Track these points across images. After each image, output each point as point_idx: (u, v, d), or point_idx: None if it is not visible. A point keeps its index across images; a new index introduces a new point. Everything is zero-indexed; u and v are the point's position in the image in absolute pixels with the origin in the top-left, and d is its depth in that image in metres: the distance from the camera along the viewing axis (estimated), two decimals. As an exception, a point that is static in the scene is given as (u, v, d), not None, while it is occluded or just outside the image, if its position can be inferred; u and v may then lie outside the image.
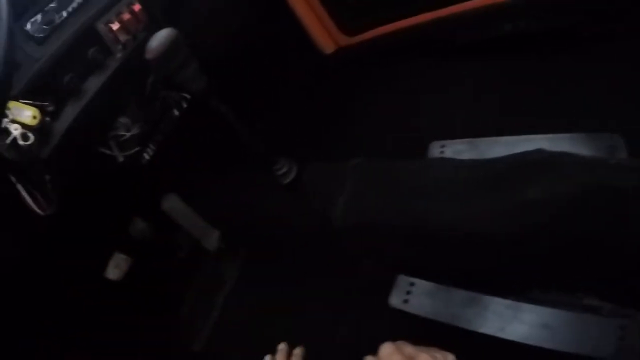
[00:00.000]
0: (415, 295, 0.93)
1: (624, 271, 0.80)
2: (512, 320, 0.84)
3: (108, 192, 1.19)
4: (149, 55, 0.89)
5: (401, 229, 0.90)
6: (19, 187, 0.90)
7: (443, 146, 1.20)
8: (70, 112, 0.93)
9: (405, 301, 0.94)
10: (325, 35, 1.58)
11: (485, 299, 0.88)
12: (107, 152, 1.10)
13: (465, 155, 1.11)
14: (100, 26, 0.93)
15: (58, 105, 0.91)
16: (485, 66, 1.41)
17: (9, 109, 0.78)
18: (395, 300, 0.95)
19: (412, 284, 0.95)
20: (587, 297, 0.84)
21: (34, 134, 0.83)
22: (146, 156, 1.23)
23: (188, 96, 1.25)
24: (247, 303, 1.32)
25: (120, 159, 1.13)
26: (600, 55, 1.25)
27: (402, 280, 0.96)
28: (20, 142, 0.82)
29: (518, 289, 0.88)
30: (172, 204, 1.39)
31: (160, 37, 0.88)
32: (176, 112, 1.27)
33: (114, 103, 1.05)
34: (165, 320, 1.38)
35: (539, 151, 0.90)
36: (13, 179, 0.88)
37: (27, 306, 1.14)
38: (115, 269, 1.32)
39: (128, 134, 1.14)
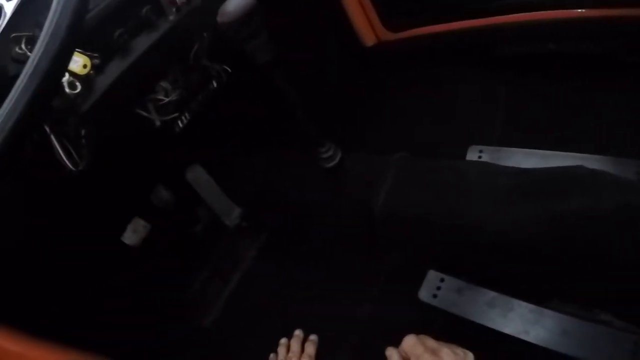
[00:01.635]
0: (444, 291, 0.94)
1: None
2: (534, 324, 0.85)
3: (137, 155, 1.18)
4: (222, 18, 0.85)
5: (440, 225, 0.91)
6: (52, 138, 0.88)
7: (481, 151, 1.21)
8: (115, 68, 0.92)
9: (435, 296, 0.95)
10: (368, 28, 1.58)
11: (511, 301, 0.89)
12: (145, 114, 1.09)
13: (502, 163, 1.11)
14: (158, -15, 0.92)
15: (104, 59, 0.90)
16: (521, 80, 1.41)
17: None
18: (424, 294, 0.96)
19: (442, 280, 0.96)
20: (603, 313, 0.85)
21: (81, 84, 0.82)
22: (180, 124, 1.22)
23: (229, 69, 1.24)
24: (265, 283, 1.31)
25: (158, 123, 1.11)
26: (635, 84, 1.24)
27: (433, 275, 0.97)
28: (67, 90, 0.81)
29: (541, 297, 0.89)
30: (197, 175, 1.38)
31: (238, 1, 0.84)
32: (214, 85, 1.26)
33: (158, 65, 1.04)
34: (176, 292, 1.37)
35: (580, 167, 0.90)
36: (47, 129, 0.86)
37: (40, 259, 1.13)
38: (133, 234, 1.31)
39: (167, 99, 1.12)
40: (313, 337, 1.00)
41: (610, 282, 0.82)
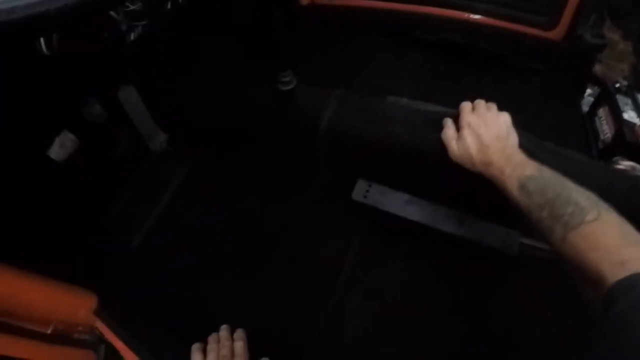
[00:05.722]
0: (371, 194, 1.19)
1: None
2: (437, 215, 1.14)
3: (88, 57, 1.12)
4: None
5: (372, 143, 1.10)
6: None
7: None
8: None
9: (365, 197, 1.19)
10: (305, -12, 1.71)
11: (420, 201, 1.17)
12: (115, 16, 1.06)
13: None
14: None
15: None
16: (427, 59, 1.70)
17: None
18: (356, 195, 1.19)
19: (369, 186, 1.20)
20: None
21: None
22: (132, 37, 1.20)
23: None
24: (195, 202, 1.35)
25: (124, 27, 1.09)
26: (514, 79, 1.59)
27: (362, 183, 1.21)
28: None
29: (437, 196, 1.16)
30: (128, 94, 1.32)
31: None
32: (169, 6, 1.26)
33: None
34: (101, 212, 1.31)
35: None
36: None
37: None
38: (60, 148, 1.22)
39: (132, 7, 1.11)
40: (239, 334, 1.00)
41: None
